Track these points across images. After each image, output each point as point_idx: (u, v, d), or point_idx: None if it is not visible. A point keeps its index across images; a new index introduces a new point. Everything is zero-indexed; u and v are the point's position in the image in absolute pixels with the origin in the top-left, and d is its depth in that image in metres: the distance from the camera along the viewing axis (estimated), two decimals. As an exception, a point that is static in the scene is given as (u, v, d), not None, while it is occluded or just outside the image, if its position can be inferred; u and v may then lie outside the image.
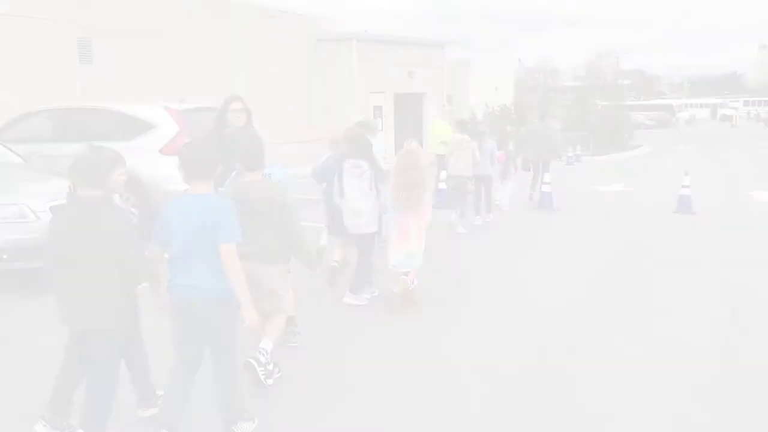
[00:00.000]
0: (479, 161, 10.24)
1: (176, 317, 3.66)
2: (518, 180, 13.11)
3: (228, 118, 6.27)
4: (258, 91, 18.13)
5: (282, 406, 4.27)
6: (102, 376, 3.60)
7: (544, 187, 12.61)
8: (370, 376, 4.74)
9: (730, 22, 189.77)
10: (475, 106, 34.60)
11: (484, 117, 30.22)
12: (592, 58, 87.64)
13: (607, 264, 8.21)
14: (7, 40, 12.28)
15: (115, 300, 3.54)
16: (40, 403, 3.91)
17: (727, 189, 15.87)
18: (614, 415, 4.17)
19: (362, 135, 6.64)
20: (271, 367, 4.47)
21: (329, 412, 4.20)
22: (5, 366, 4.98)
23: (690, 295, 6.81)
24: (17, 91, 11.89)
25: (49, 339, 5.41)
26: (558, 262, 8.27)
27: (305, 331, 5.43)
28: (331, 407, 4.26)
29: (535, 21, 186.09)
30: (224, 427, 3.77)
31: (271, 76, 20.33)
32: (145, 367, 4.11)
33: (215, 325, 3.63)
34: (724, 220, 11.30)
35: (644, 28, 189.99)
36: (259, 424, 3.95)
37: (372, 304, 6.43)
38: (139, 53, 16.33)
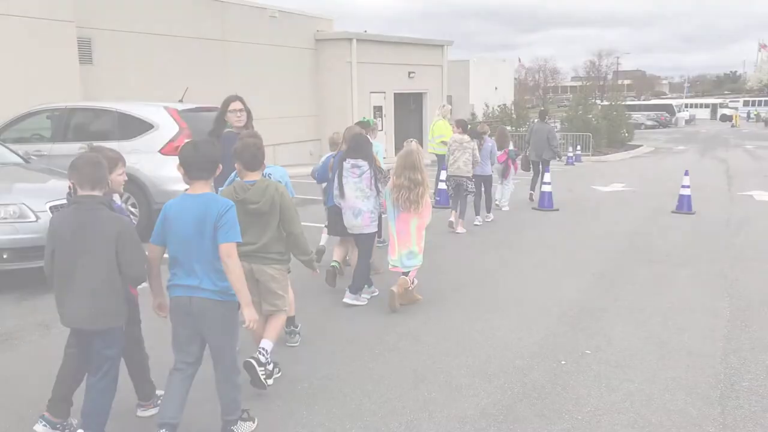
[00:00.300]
0: (479, 161, 10.24)
1: (176, 317, 3.65)
2: (518, 180, 13.13)
3: (228, 119, 6.25)
4: (257, 91, 18.15)
5: (282, 406, 4.27)
6: (102, 377, 3.60)
7: (544, 187, 12.61)
8: (369, 376, 4.73)
9: (731, 22, 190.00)
10: (475, 106, 34.65)
11: (484, 117, 30.17)
12: (592, 58, 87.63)
13: (607, 263, 8.20)
14: (7, 40, 12.29)
15: (115, 301, 3.53)
16: (40, 403, 3.91)
17: (727, 189, 15.88)
18: (613, 412, 4.16)
19: (362, 135, 6.65)
20: (270, 367, 4.48)
21: (329, 412, 4.20)
22: (5, 366, 4.97)
23: (690, 295, 6.80)
24: (17, 90, 11.91)
25: (49, 339, 5.43)
26: (558, 262, 8.26)
27: (305, 331, 5.44)
28: (331, 407, 4.26)
29: (535, 21, 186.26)
30: (224, 427, 3.77)
31: (270, 76, 20.36)
32: (145, 367, 4.12)
33: (215, 324, 3.62)
34: (723, 220, 11.30)
35: (644, 28, 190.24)
36: (259, 424, 3.96)
37: (372, 304, 6.43)
38: (139, 53, 16.34)
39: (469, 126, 11.22)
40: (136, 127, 9.11)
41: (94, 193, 3.50)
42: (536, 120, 14.76)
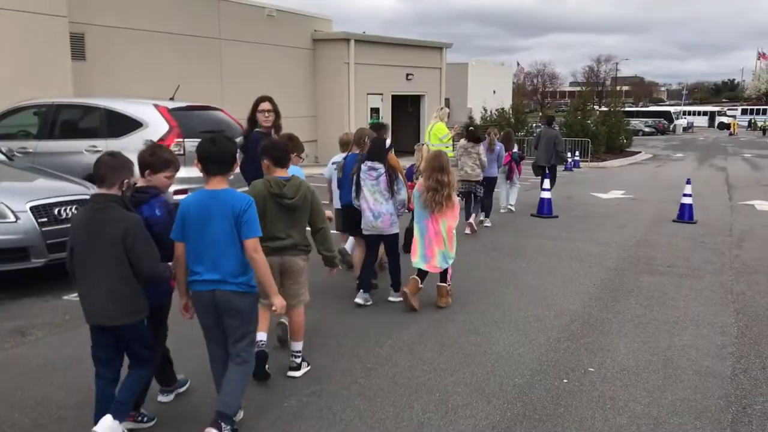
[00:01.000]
0: (486, 165, 10.39)
1: (199, 311, 3.73)
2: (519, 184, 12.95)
3: (257, 118, 6.39)
4: (253, 90, 17.87)
5: (267, 426, 4.02)
6: (141, 366, 3.65)
7: (543, 194, 12.38)
8: (361, 393, 4.48)
9: (729, 30, 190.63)
10: (473, 110, 34.44)
11: (482, 120, 29.92)
12: (591, 64, 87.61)
13: (608, 273, 7.96)
14: (-2, 34, 12.01)
15: (131, 297, 3.51)
16: (9, 416, 3.65)
17: (728, 198, 15.66)
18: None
19: (380, 138, 6.69)
20: (299, 360, 4.74)
21: (328, 414, 3.95)
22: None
23: (695, 308, 6.55)
24: (7, 86, 11.63)
25: (24, 347, 5.16)
26: (558, 272, 8.01)
27: (306, 335, 5.15)
28: (319, 427, 4.01)
29: (535, 26, 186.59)
30: (215, 418, 3.60)
31: (266, 76, 20.06)
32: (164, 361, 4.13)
33: (237, 315, 3.68)
34: (725, 230, 11.07)
35: (643, 35, 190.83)
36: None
37: (365, 315, 6.20)
38: (134, 50, 16.07)
39: (477, 133, 11.28)
40: (124, 124, 8.81)
41: (107, 191, 3.48)
42: (539, 124, 14.63)
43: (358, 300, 6.41)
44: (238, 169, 3.87)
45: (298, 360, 4.73)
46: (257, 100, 6.49)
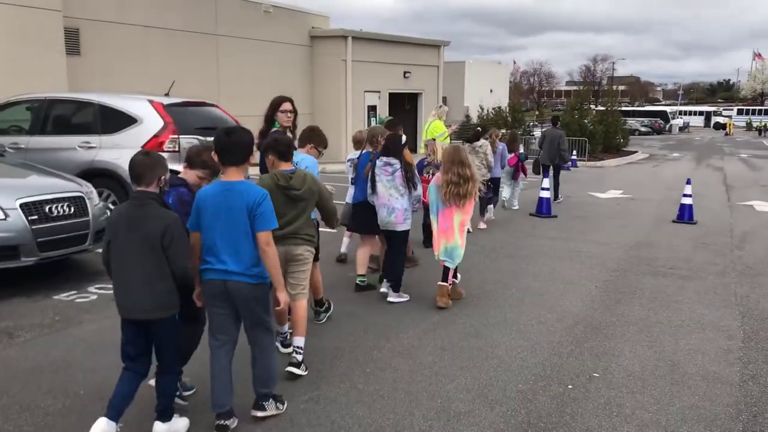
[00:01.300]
0: (492, 166, 10.53)
1: (210, 300, 3.75)
2: (526, 181, 12.85)
3: (278, 118, 6.38)
4: (249, 87, 17.70)
5: (278, 414, 3.88)
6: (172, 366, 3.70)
7: (542, 193, 12.26)
8: (360, 399, 4.34)
9: (725, 30, 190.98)
10: (470, 108, 34.33)
11: (479, 119, 29.82)
12: (588, 63, 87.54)
13: (610, 274, 7.83)
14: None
15: (165, 293, 3.54)
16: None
17: (726, 198, 15.56)
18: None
19: (395, 134, 6.69)
20: (300, 357, 4.67)
21: (326, 421, 3.82)
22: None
23: (699, 311, 6.43)
24: (1, 80, 11.43)
25: (13, 349, 5.00)
26: (559, 273, 7.88)
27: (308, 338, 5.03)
28: (326, 415, 3.88)
29: (531, 25, 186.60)
30: (255, 402, 3.84)
31: (263, 72, 19.87)
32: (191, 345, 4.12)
33: (251, 304, 3.74)
34: (726, 231, 10.96)
35: (639, 35, 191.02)
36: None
37: (363, 317, 6.05)
38: (129, 46, 15.88)
39: (485, 135, 11.33)
40: (118, 120, 8.63)
41: (145, 189, 3.55)
42: (536, 123, 14.62)
43: (383, 289, 6.49)
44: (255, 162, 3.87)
45: (300, 357, 4.66)
46: (278, 100, 6.41)
